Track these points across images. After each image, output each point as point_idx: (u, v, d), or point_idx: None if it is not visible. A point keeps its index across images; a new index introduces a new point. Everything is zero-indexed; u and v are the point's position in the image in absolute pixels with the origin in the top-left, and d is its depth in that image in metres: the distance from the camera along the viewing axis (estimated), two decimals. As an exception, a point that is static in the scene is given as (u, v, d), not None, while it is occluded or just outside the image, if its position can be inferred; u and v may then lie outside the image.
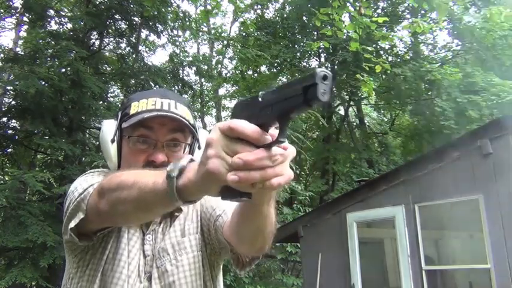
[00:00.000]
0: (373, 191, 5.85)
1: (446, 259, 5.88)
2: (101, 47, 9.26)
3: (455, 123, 10.23)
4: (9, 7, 8.07)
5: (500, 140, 4.78)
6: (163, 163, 0.97)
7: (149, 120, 0.99)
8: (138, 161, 1.00)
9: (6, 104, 8.07)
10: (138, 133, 1.00)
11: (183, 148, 1.04)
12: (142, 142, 1.00)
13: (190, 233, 1.09)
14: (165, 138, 1.00)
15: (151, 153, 0.99)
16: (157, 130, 1.00)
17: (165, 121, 1.00)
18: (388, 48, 12.26)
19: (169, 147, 1.01)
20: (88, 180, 0.98)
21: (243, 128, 0.59)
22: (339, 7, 4.63)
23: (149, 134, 1.00)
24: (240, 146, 0.59)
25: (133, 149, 1.01)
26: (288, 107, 0.58)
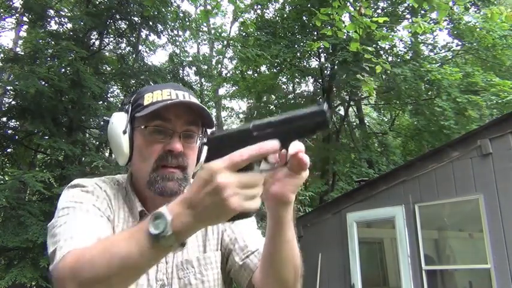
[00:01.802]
0: (373, 191, 5.85)
1: (446, 259, 5.89)
2: (101, 47, 9.25)
3: (455, 123, 10.24)
4: (9, 7, 8.07)
5: (500, 140, 4.78)
6: (181, 153, 0.97)
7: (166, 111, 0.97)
8: (154, 151, 0.97)
9: (6, 104, 8.07)
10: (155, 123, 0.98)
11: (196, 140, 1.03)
12: (159, 132, 0.98)
13: (211, 249, 1.06)
14: (182, 128, 0.99)
15: (169, 142, 0.97)
16: (174, 121, 0.98)
17: (181, 112, 0.98)
18: (388, 48, 12.26)
19: (185, 139, 0.99)
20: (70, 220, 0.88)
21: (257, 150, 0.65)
22: (339, 7, 4.63)
23: (166, 125, 0.98)
24: (248, 176, 0.66)
25: (149, 140, 0.98)
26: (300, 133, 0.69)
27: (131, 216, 1.00)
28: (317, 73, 14.38)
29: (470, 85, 10.67)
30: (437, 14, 4.35)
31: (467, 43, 11.69)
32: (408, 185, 5.49)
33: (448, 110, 10.10)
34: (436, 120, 10.95)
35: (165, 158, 0.96)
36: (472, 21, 11.25)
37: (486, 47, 11.02)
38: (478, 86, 10.49)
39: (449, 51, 13.28)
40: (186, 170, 0.99)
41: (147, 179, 0.97)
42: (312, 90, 16.49)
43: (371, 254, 6.91)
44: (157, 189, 0.96)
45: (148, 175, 0.97)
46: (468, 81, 10.63)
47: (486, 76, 10.40)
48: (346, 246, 5.96)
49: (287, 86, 17.00)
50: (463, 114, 10.27)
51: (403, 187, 5.55)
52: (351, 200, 6.12)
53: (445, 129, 10.42)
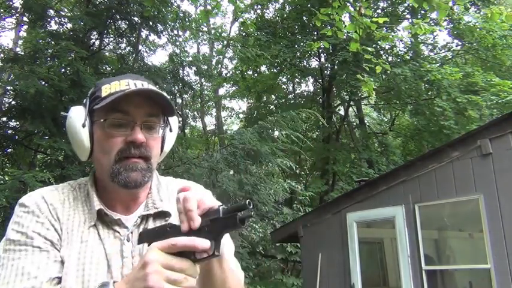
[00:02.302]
0: (373, 191, 5.85)
1: (446, 259, 5.89)
2: (101, 47, 9.25)
3: (455, 123, 10.24)
4: (9, 7, 8.07)
5: (500, 140, 4.78)
6: (143, 144, 0.95)
7: (125, 102, 0.94)
8: (115, 144, 0.95)
9: (6, 104, 8.07)
10: (114, 116, 0.95)
11: (159, 131, 1.01)
12: (119, 125, 0.95)
13: None
14: (142, 119, 0.96)
15: (130, 134, 0.94)
16: (134, 112, 0.95)
17: (141, 103, 0.96)
18: (388, 49, 12.26)
19: (146, 129, 0.97)
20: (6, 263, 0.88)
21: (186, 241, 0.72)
22: (339, 7, 4.63)
23: (126, 117, 0.95)
24: (176, 260, 0.72)
25: (109, 133, 0.95)
26: (224, 229, 0.74)
27: (90, 218, 0.97)
28: (317, 73, 14.39)
29: (470, 85, 10.68)
30: (437, 14, 4.35)
31: (467, 43, 11.70)
32: (408, 185, 5.49)
33: (448, 110, 10.11)
34: (436, 120, 10.96)
35: (127, 149, 0.94)
36: (472, 21, 11.26)
37: (486, 47, 11.02)
38: (478, 86, 10.49)
39: (449, 51, 13.29)
40: (150, 161, 0.97)
41: (110, 171, 0.95)
42: (312, 90, 16.51)
43: (371, 254, 6.91)
44: (120, 180, 0.94)
45: (110, 167, 0.95)
46: (468, 81, 10.64)
47: (486, 76, 10.41)
48: (346, 246, 5.96)
49: (287, 86, 17.01)
50: (463, 114, 10.28)
51: (403, 187, 5.55)
52: (351, 200, 6.12)
53: (445, 129, 10.42)
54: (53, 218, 0.95)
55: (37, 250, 0.89)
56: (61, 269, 0.90)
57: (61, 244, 0.93)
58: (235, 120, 19.16)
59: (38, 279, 0.85)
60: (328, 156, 12.75)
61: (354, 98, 13.35)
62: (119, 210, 1.00)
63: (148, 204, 1.02)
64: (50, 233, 0.92)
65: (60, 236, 0.93)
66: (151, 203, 1.03)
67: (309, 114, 7.49)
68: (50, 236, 0.92)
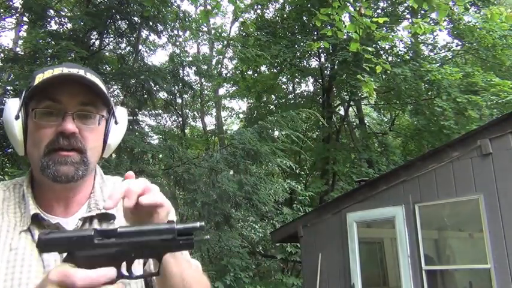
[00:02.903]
0: (373, 191, 5.85)
1: (446, 259, 5.89)
2: (101, 47, 9.26)
3: (455, 123, 10.24)
4: (9, 7, 8.07)
5: (500, 140, 4.78)
6: (74, 135, 0.87)
7: (56, 90, 0.87)
8: (45, 135, 0.87)
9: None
10: (44, 105, 0.88)
11: (97, 121, 0.92)
12: (49, 114, 0.87)
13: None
14: (75, 108, 0.88)
15: (60, 123, 0.86)
16: (66, 101, 0.87)
17: (74, 91, 0.88)
18: (388, 48, 12.26)
19: (80, 119, 0.89)
20: None
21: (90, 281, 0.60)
22: (339, 7, 4.63)
23: (56, 106, 0.87)
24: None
25: (39, 123, 0.88)
26: (173, 249, 0.68)
27: (22, 221, 0.88)
28: (317, 73, 14.39)
29: (470, 85, 10.68)
30: (437, 15, 4.35)
31: (467, 43, 11.70)
32: (408, 185, 5.49)
33: (448, 110, 10.11)
34: (436, 120, 10.96)
35: (56, 140, 0.87)
36: (472, 21, 11.26)
37: (486, 47, 11.02)
38: (478, 86, 10.49)
39: (449, 51, 13.29)
40: (85, 154, 0.89)
41: (39, 165, 0.87)
42: (312, 90, 16.51)
43: (371, 254, 6.91)
44: (49, 174, 0.86)
45: (39, 160, 0.87)
46: (468, 81, 10.63)
47: (486, 76, 10.41)
48: (346, 246, 5.96)
49: (287, 86, 17.01)
50: (463, 114, 10.28)
51: (403, 187, 5.55)
52: (351, 200, 6.12)
53: (445, 129, 10.42)
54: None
55: None
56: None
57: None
58: (235, 120, 19.16)
59: None
60: (328, 156, 12.75)
61: (354, 98, 13.35)
62: (57, 211, 0.92)
63: (90, 205, 0.94)
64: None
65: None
66: (94, 203, 0.94)
67: (309, 114, 7.49)
68: None
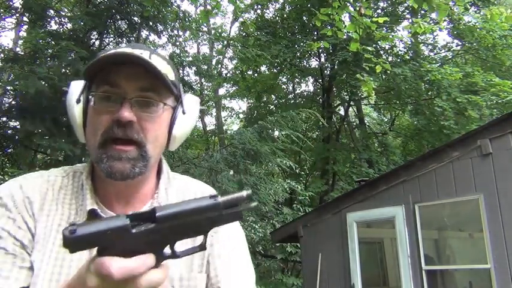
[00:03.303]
0: (373, 191, 5.85)
1: (446, 259, 5.89)
2: (101, 47, 9.25)
3: (455, 123, 10.25)
4: (9, 7, 8.07)
5: (500, 140, 4.78)
6: (131, 124, 0.78)
7: (114, 73, 0.79)
8: (101, 122, 0.79)
9: (6, 104, 8.07)
10: (102, 90, 0.80)
11: (161, 110, 0.82)
12: (107, 99, 0.80)
13: (198, 270, 0.86)
14: (134, 94, 0.79)
15: (117, 110, 0.78)
16: (125, 85, 0.79)
17: (134, 75, 0.79)
18: (388, 48, 12.26)
19: (140, 106, 0.79)
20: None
21: (128, 271, 0.53)
22: (339, 7, 4.63)
23: (114, 90, 0.80)
24: (128, 283, 0.54)
25: (96, 109, 0.81)
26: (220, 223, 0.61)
27: (77, 216, 0.82)
28: (317, 73, 14.39)
29: (470, 85, 10.68)
30: (437, 15, 4.35)
31: (467, 43, 11.71)
32: (408, 185, 5.49)
33: (448, 110, 10.11)
34: (436, 120, 10.96)
35: (112, 129, 0.78)
36: (472, 21, 11.26)
37: (486, 47, 11.03)
38: (478, 86, 10.49)
39: (449, 51, 13.29)
40: (144, 147, 0.80)
41: (95, 156, 0.81)
42: (312, 90, 16.51)
43: (371, 254, 6.91)
44: (103, 169, 0.79)
45: (95, 152, 0.80)
46: (468, 81, 10.64)
47: (486, 76, 10.42)
48: (346, 246, 5.96)
49: (287, 86, 17.02)
50: (463, 114, 10.28)
51: (403, 187, 5.55)
52: (351, 200, 6.12)
53: (445, 129, 10.43)
54: (28, 213, 0.81)
55: (2, 252, 0.76)
56: (28, 277, 0.76)
57: (33, 246, 0.79)
58: (235, 120, 19.17)
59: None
60: (328, 156, 12.75)
61: (354, 98, 13.35)
62: (116, 208, 0.84)
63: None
64: (21, 232, 0.79)
65: (33, 236, 0.79)
66: (158, 205, 0.85)
67: (309, 114, 7.49)
68: (20, 235, 0.78)
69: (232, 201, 0.60)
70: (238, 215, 0.60)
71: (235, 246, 0.92)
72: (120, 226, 0.54)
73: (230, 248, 0.90)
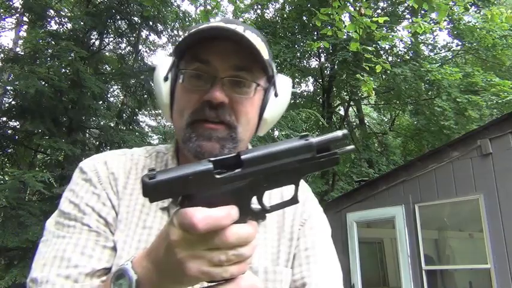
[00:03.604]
0: (373, 191, 5.85)
1: (446, 259, 5.89)
2: (101, 47, 9.26)
3: (455, 123, 10.24)
4: (9, 7, 8.07)
5: (500, 140, 4.78)
6: (222, 105, 0.73)
7: (206, 50, 0.74)
8: (190, 102, 0.75)
9: (6, 104, 8.07)
10: (193, 67, 0.75)
11: (253, 91, 0.76)
12: (197, 77, 0.75)
13: (283, 264, 0.80)
14: (226, 73, 0.74)
15: (207, 90, 0.73)
16: (217, 64, 0.74)
17: (227, 52, 0.74)
18: (388, 48, 12.26)
19: (232, 87, 0.74)
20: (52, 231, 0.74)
21: (212, 222, 0.48)
22: (339, 7, 4.63)
23: (205, 68, 0.74)
24: (214, 236, 0.49)
25: (186, 88, 0.76)
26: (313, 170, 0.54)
27: None
28: (317, 73, 14.39)
29: (470, 85, 10.68)
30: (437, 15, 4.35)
31: (467, 43, 11.70)
32: (408, 185, 5.49)
33: (448, 110, 10.11)
34: (436, 120, 10.96)
35: (201, 110, 0.74)
36: (472, 21, 11.26)
37: (486, 47, 11.02)
38: (478, 86, 10.49)
39: (449, 51, 13.29)
40: (235, 129, 0.75)
41: (182, 136, 0.76)
42: (312, 90, 16.51)
43: (371, 254, 6.91)
44: (191, 149, 0.74)
45: (183, 131, 0.76)
46: (468, 81, 10.63)
47: (486, 76, 10.41)
48: (346, 246, 5.96)
49: (287, 86, 17.00)
50: (463, 114, 10.27)
51: (403, 187, 5.55)
52: (351, 200, 6.12)
53: (445, 129, 10.42)
54: (112, 190, 0.78)
55: (86, 230, 0.73)
56: (111, 257, 0.73)
57: (116, 226, 0.75)
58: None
59: (77, 269, 0.69)
60: (328, 156, 12.73)
61: (354, 98, 13.35)
62: None
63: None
64: (106, 209, 0.76)
65: (116, 215, 0.76)
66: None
67: (309, 114, 7.50)
68: (104, 212, 0.75)
69: (326, 142, 0.54)
70: (334, 159, 0.54)
71: (323, 241, 0.85)
72: (203, 170, 0.49)
73: (317, 243, 0.83)
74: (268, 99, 0.80)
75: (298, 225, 0.84)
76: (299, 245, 0.82)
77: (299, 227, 0.84)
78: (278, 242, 0.81)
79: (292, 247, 0.82)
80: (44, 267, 0.69)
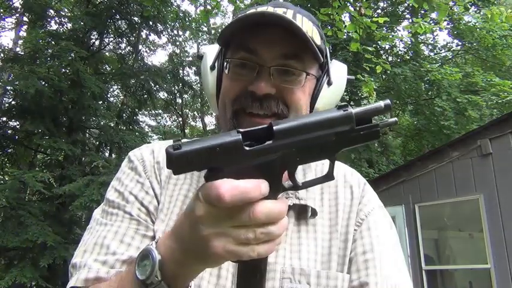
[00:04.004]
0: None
1: (446, 259, 5.89)
2: (101, 47, 9.26)
3: (455, 123, 10.24)
4: (9, 7, 8.07)
5: (500, 140, 4.78)
6: (269, 96, 0.69)
7: (251, 38, 0.70)
8: (232, 90, 0.72)
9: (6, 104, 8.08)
10: (238, 56, 0.72)
11: (303, 80, 0.72)
12: (242, 66, 0.71)
13: (337, 268, 0.72)
14: (274, 62, 0.70)
15: (252, 81, 0.70)
16: (263, 52, 0.70)
17: (274, 40, 0.69)
18: (388, 48, 12.26)
19: (280, 76, 0.70)
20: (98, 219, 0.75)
21: (239, 194, 0.44)
22: (339, 7, 4.63)
23: (251, 57, 0.71)
24: (241, 212, 0.45)
25: (230, 77, 0.73)
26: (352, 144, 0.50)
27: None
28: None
29: (470, 85, 10.68)
30: (437, 14, 4.35)
31: (467, 43, 11.70)
32: (408, 185, 5.49)
33: (448, 110, 10.11)
34: (436, 120, 10.95)
35: (244, 99, 0.70)
36: (472, 21, 11.26)
37: (486, 47, 11.02)
38: (478, 86, 10.49)
39: (449, 51, 13.29)
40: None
41: (228, 129, 0.72)
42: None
43: (371, 254, 6.91)
44: None
45: (227, 123, 0.73)
46: (468, 81, 10.64)
47: (486, 76, 10.41)
48: (346, 246, 5.97)
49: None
50: (463, 114, 10.27)
51: (403, 187, 5.55)
52: (351, 200, 6.12)
53: (445, 129, 10.42)
54: (156, 179, 0.76)
55: (127, 218, 0.72)
56: None
57: (157, 215, 0.74)
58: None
59: (114, 256, 0.68)
60: (328, 156, 12.73)
61: (354, 98, 13.35)
62: None
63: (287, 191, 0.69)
64: (148, 198, 0.75)
65: (158, 204, 0.75)
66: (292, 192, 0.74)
67: (309, 114, 7.50)
68: (147, 201, 0.74)
69: (367, 113, 0.48)
70: (374, 132, 0.48)
71: (384, 241, 0.75)
72: (231, 141, 0.45)
73: (377, 245, 0.74)
74: (321, 88, 0.76)
75: (354, 226, 0.76)
76: (356, 248, 0.74)
77: (355, 227, 0.76)
78: (329, 242, 0.74)
79: (348, 249, 0.74)
80: (85, 254, 0.70)
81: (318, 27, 0.77)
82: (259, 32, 0.69)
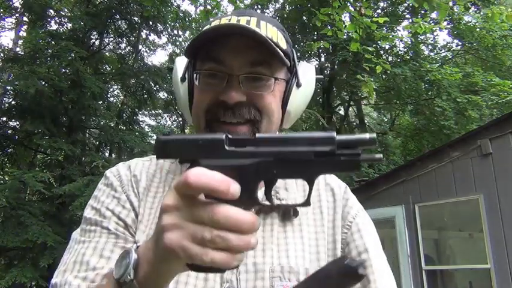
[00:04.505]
0: (373, 191, 5.85)
1: (446, 259, 5.88)
2: (101, 47, 9.26)
3: (455, 123, 10.25)
4: (9, 7, 8.07)
5: (500, 140, 4.78)
6: (240, 104, 0.70)
7: (217, 48, 0.71)
8: (204, 101, 0.73)
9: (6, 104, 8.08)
10: (206, 67, 0.73)
11: (272, 85, 0.73)
12: (212, 76, 0.72)
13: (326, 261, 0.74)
14: (241, 71, 0.71)
15: (222, 90, 0.71)
16: (231, 62, 0.71)
17: (241, 49, 0.70)
18: (388, 48, 12.26)
19: (249, 83, 0.71)
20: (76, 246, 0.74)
21: (206, 180, 0.43)
22: (339, 7, 4.63)
23: (219, 67, 0.72)
24: (204, 208, 0.44)
25: (201, 88, 0.74)
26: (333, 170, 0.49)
27: None
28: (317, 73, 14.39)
29: (470, 85, 10.68)
30: (437, 14, 4.35)
31: (467, 43, 11.70)
32: (408, 185, 5.49)
33: (448, 110, 10.11)
34: (436, 120, 10.96)
35: (216, 110, 0.72)
36: (472, 21, 11.26)
37: (486, 47, 11.02)
38: (478, 86, 10.49)
39: (449, 51, 13.29)
40: (259, 123, 0.73)
41: None
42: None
43: (371, 254, 6.91)
44: None
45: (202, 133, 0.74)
46: (468, 81, 10.63)
47: (486, 76, 10.41)
48: (346, 246, 5.97)
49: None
50: (463, 114, 10.27)
51: (403, 187, 5.55)
52: (351, 200, 6.12)
53: (445, 129, 10.42)
54: (133, 192, 0.77)
55: (105, 232, 0.73)
56: None
57: (136, 226, 0.74)
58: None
59: (95, 271, 0.68)
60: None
61: (354, 98, 13.35)
62: None
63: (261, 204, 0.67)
64: (125, 211, 0.75)
65: (136, 216, 0.75)
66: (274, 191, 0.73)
67: (309, 114, 7.49)
68: (124, 215, 0.74)
69: (349, 140, 0.48)
70: (355, 161, 0.47)
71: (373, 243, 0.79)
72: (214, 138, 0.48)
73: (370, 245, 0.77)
74: (291, 90, 0.77)
75: (343, 228, 0.78)
76: (351, 252, 0.76)
77: (345, 230, 0.78)
78: (316, 241, 0.76)
79: (337, 250, 0.76)
80: (65, 273, 0.69)
81: (283, 32, 0.79)
82: (226, 42, 0.70)
